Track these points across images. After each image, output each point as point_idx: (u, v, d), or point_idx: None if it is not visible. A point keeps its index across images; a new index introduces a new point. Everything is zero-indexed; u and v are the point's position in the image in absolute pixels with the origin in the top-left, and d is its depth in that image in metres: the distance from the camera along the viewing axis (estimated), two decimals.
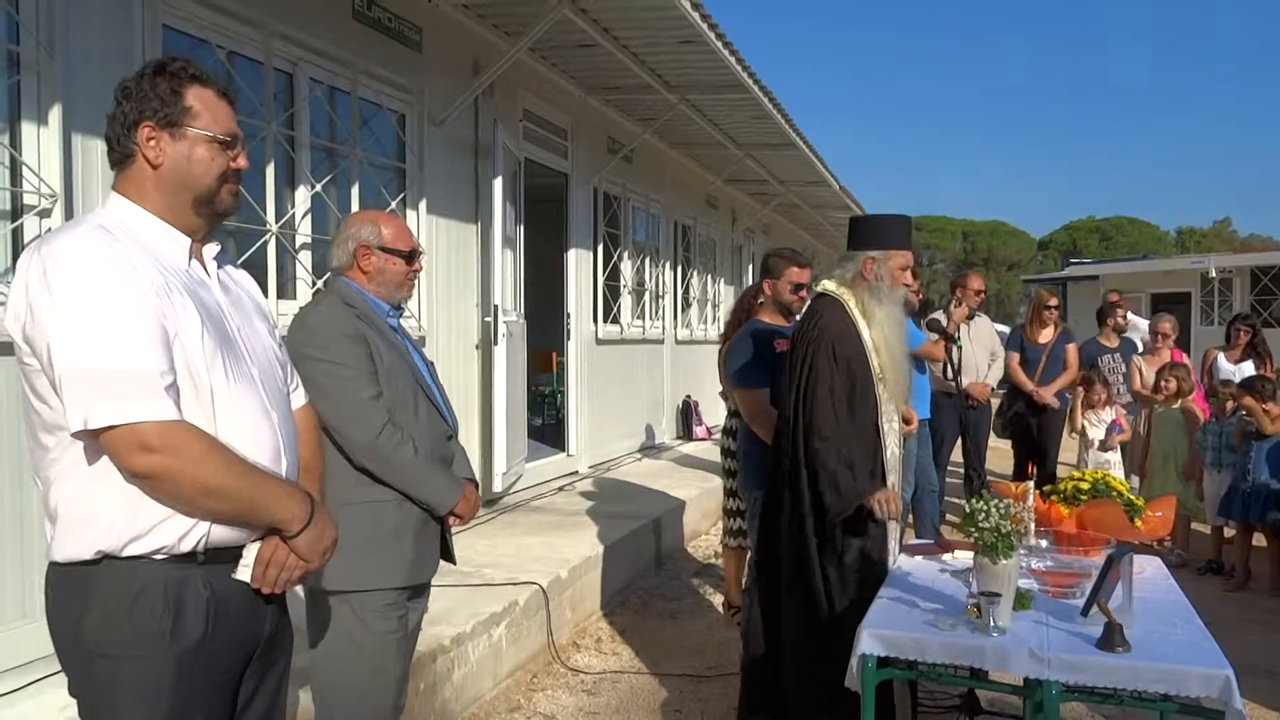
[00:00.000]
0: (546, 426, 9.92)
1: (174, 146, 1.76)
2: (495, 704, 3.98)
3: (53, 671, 3.00)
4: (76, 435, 1.63)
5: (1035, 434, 7.13)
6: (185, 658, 1.69)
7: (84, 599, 1.68)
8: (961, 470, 7.39)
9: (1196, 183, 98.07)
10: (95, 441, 1.63)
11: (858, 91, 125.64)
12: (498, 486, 6.44)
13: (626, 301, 9.47)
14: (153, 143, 1.75)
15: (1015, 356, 7.28)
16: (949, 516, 7.17)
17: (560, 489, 7.35)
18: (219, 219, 1.87)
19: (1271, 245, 38.39)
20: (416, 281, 2.79)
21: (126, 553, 1.67)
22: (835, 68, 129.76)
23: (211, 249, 1.87)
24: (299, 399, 2.06)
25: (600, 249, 8.89)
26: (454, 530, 2.80)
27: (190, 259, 1.80)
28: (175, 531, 1.68)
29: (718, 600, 5.53)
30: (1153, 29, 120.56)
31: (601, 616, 5.20)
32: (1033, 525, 3.08)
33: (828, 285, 3.41)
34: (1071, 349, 7.31)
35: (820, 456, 3.17)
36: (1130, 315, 7.83)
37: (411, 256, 2.70)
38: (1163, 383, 6.68)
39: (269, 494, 1.74)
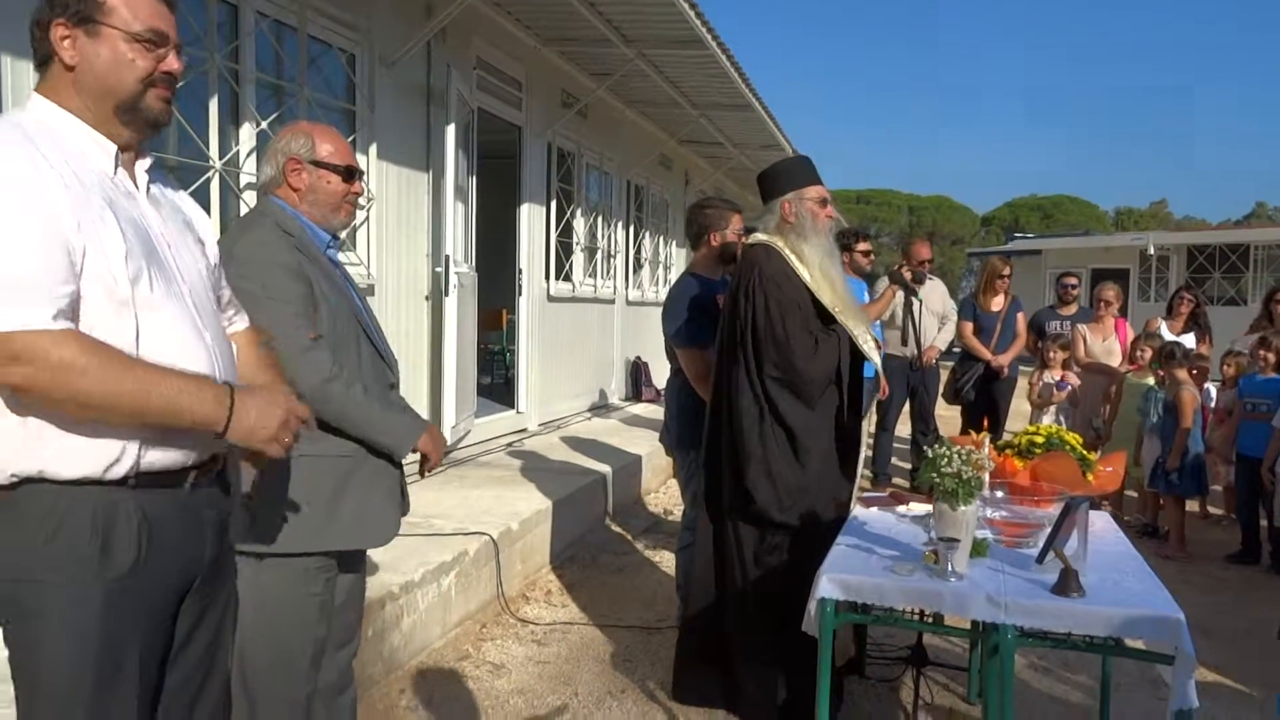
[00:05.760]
0: (495, 385, 9.81)
1: (90, 46, 1.61)
2: (444, 652, 3.92)
3: None
4: None
5: (987, 401, 7.15)
6: (115, 586, 1.59)
7: (1, 526, 1.56)
8: (909, 438, 7.45)
9: (1135, 165, 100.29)
10: None
11: (805, 59, 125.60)
12: (447, 440, 6.33)
13: (579, 259, 9.36)
14: (67, 42, 1.61)
15: (969, 325, 7.27)
16: (895, 480, 7.25)
17: (509, 445, 7.28)
18: (150, 129, 1.70)
19: (1205, 226, 39.49)
20: (356, 209, 2.51)
21: (47, 476, 1.55)
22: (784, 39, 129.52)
23: (145, 162, 1.73)
24: (240, 323, 1.95)
25: (553, 205, 8.76)
26: (413, 480, 2.62)
27: (117, 167, 1.67)
28: (103, 458, 1.57)
29: (667, 555, 5.52)
30: (1106, 22, 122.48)
31: (551, 569, 5.16)
32: (987, 477, 3.10)
33: (759, 235, 3.42)
34: (1021, 317, 7.35)
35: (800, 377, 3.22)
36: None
37: (350, 174, 2.43)
38: (1138, 352, 6.73)
39: (172, 395, 1.57)
